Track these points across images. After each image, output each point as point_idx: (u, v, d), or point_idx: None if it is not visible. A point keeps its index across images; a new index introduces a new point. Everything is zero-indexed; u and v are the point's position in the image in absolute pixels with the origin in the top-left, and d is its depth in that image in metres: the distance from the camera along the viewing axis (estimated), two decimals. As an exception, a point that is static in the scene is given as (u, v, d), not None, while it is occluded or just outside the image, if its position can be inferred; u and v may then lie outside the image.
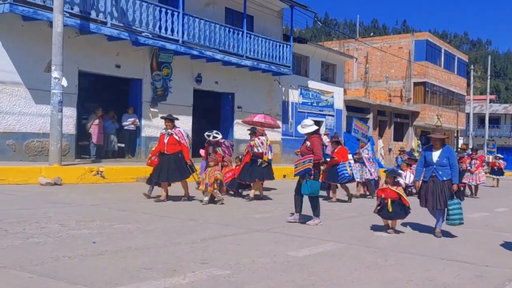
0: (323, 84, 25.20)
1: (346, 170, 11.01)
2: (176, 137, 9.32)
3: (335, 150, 11.34)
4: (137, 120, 15.81)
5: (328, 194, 11.41)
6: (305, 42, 23.83)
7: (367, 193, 12.53)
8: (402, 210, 7.07)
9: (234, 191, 11.08)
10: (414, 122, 33.85)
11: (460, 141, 40.26)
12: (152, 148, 15.96)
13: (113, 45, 14.68)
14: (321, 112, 25.00)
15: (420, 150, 26.05)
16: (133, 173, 12.59)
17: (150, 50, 15.99)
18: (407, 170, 13.30)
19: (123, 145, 15.95)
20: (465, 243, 6.74)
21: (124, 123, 15.60)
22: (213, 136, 10.67)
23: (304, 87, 23.74)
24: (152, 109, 16.24)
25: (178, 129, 9.49)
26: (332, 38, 48.06)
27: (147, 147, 15.53)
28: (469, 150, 19.64)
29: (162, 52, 16.17)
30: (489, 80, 46.91)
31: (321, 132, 19.79)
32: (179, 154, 9.35)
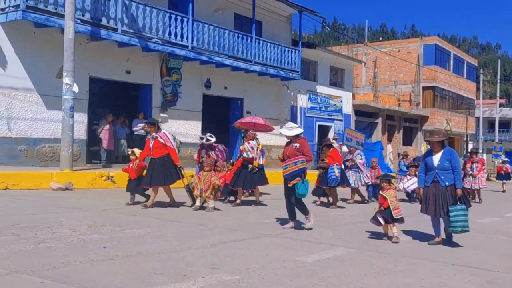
0: (332, 89, 25.18)
1: (334, 173, 10.62)
2: (161, 140, 9.03)
3: (328, 154, 11.01)
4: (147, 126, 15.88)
5: (319, 199, 11.30)
6: (314, 47, 23.85)
7: (361, 199, 12.25)
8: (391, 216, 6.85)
9: (225, 197, 10.55)
10: (424, 127, 33.69)
11: (470, 146, 39.94)
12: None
13: (124, 51, 14.81)
14: (330, 117, 24.97)
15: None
16: (143, 178, 12.62)
17: (160, 56, 16.11)
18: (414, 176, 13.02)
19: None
20: (476, 249, 6.68)
21: (135, 128, 15.68)
22: (206, 139, 10.43)
23: (313, 92, 23.74)
24: (162, 114, 16.33)
25: (163, 132, 9.21)
26: (341, 43, 48.07)
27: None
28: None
29: (172, 58, 16.28)
30: (499, 84, 46.58)
31: (329, 137, 19.78)
32: (165, 158, 9.04)
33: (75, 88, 11.98)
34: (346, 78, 26.70)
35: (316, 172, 11.85)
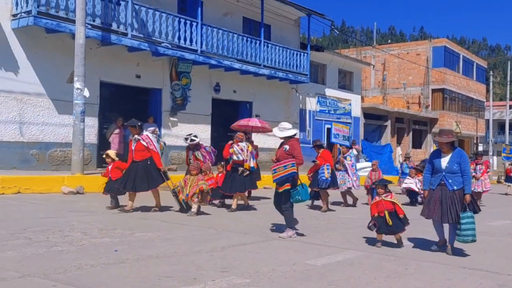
0: (341, 92, 25.16)
1: (324, 174, 10.42)
2: (144, 143, 8.73)
3: (318, 154, 10.77)
4: (157, 129, 15.95)
5: (312, 203, 11.18)
6: (322, 50, 23.85)
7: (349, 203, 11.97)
8: (400, 222, 6.58)
9: (220, 201, 10.28)
10: (433, 129, 33.50)
11: (480, 148, 39.66)
12: (172, 157, 16.26)
13: (134, 56, 14.93)
14: (339, 120, 24.93)
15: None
16: (153, 182, 12.68)
17: (170, 60, 16.21)
18: (417, 177, 12.77)
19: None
20: (487, 252, 6.64)
21: (144, 132, 15.74)
22: (191, 139, 10.17)
23: (322, 95, 23.73)
24: (172, 118, 16.44)
25: (146, 134, 8.94)
26: (349, 46, 47.99)
27: (167, 156, 15.69)
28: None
29: (181, 62, 16.37)
30: (509, 86, 46.17)
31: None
32: (148, 161, 8.73)
33: (86, 93, 12.11)
34: (355, 81, 26.66)
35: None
